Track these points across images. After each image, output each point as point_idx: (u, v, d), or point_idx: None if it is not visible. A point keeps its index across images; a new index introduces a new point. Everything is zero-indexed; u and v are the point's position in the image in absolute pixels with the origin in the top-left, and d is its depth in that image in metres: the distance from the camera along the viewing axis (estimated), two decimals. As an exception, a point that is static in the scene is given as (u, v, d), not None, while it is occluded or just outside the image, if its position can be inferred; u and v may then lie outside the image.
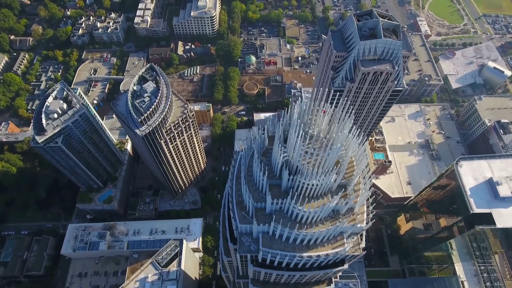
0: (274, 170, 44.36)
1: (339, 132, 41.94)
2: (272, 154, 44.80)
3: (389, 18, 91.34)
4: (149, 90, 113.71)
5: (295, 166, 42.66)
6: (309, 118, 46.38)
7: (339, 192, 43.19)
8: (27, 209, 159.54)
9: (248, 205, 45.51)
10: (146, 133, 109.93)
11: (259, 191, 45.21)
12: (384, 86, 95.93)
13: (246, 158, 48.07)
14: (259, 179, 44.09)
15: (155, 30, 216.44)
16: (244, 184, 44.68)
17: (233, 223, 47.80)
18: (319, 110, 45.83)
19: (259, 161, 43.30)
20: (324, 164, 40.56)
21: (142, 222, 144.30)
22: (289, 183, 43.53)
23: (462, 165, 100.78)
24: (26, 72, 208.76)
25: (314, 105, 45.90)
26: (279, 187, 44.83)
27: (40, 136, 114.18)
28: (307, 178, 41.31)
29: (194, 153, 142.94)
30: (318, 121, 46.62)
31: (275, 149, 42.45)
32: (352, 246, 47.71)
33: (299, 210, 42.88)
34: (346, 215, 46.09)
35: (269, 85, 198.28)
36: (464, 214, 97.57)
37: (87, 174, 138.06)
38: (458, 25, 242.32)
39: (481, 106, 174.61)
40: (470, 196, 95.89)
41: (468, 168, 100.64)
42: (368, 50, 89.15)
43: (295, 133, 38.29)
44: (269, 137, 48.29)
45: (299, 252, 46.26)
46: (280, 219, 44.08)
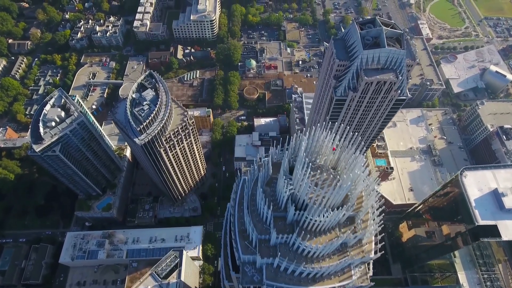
0: (279, 201, 42.62)
1: (350, 172, 39.98)
2: (277, 186, 43.08)
3: (393, 26, 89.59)
4: (148, 98, 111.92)
5: (302, 200, 40.98)
6: (316, 148, 44.34)
7: (347, 224, 41.45)
8: (25, 216, 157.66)
9: (252, 236, 43.76)
10: (145, 142, 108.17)
11: (263, 222, 43.47)
12: (387, 95, 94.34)
13: (249, 186, 46.27)
14: (263, 211, 42.35)
15: (155, 34, 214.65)
16: (247, 215, 42.86)
17: (235, 253, 46.05)
18: (326, 141, 43.63)
19: (263, 195, 41.53)
20: (332, 201, 38.88)
21: (142, 230, 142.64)
22: (295, 217, 41.79)
23: (466, 176, 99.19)
24: (24, 76, 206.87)
25: (322, 136, 43.70)
26: (285, 219, 43.10)
27: (38, 145, 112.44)
28: (315, 214, 39.56)
29: (194, 160, 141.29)
30: (325, 151, 44.62)
31: (280, 183, 40.79)
32: (359, 276, 45.78)
33: (306, 246, 41.15)
34: (354, 246, 44.21)
35: (270, 90, 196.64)
36: (468, 226, 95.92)
37: (86, 182, 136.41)
38: (460, 28, 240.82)
39: (484, 111, 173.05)
40: (475, 207, 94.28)
41: (472, 178, 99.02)
42: (371, 59, 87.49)
43: (302, 169, 36.43)
44: (274, 164, 46.46)
45: (305, 286, 44.26)
46: (286, 253, 42.27)
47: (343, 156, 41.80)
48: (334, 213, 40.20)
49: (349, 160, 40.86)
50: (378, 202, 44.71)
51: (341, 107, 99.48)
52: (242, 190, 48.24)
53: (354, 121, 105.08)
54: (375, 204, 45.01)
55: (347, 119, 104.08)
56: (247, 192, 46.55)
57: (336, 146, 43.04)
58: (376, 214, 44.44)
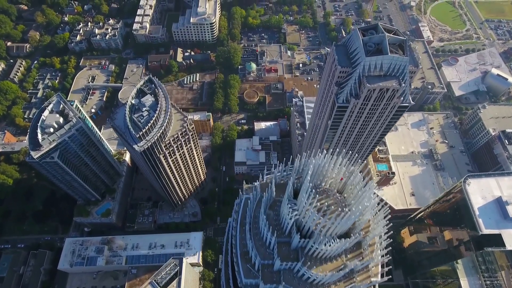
0: (283, 226, 41.29)
1: (359, 204, 38.56)
2: (281, 210, 41.73)
3: (395, 32, 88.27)
4: (147, 104, 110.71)
5: (307, 227, 39.64)
6: (322, 172, 42.79)
7: (353, 250, 40.19)
8: (24, 222, 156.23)
9: (254, 260, 42.41)
10: (144, 149, 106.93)
11: (266, 246, 42.14)
12: (389, 102, 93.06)
13: (252, 208, 44.85)
14: (266, 236, 41.00)
15: (154, 37, 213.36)
16: (250, 239, 41.54)
17: (237, 275, 44.68)
18: (333, 166, 41.97)
19: (267, 221, 40.14)
20: (339, 230, 37.58)
21: (141, 236, 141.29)
22: (300, 244, 40.49)
23: (470, 183, 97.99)
24: (23, 79, 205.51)
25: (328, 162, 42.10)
26: (289, 244, 41.74)
27: (36, 151, 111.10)
28: (321, 243, 38.25)
29: (194, 165, 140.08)
30: (331, 175, 43.17)
31: (284, 208, 39.45)
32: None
33: (311, 275, 39.83)
34: (361, 271, 42.86)
35: (270, 93, 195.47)
36: (472, 234, 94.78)
37: (85, 188, 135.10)
38: (461, 30, 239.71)
39: (485, 114, 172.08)
40: (479, 216, 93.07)
41: (476, 186, 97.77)
42: (374, 66, 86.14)
43: (307, 197, 34.91)
44: (277, 185, 45.12)
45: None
46: (290, 280, 40.88)
47: (351, 183, 40.40)
48: (341, 243, 38.90)
49: (358, 191, 39.40)
50: (386, 227, 43.44)
51: (343, 114, 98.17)
52: (244, 210, 46.76)
53: (356, 127, 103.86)
54: (382, 230, 43.77)
55: (349, 125, 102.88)
56: (250, 213, 45.09)
57: (344, 177, 41.60)
58: (383, 239, 43.18)
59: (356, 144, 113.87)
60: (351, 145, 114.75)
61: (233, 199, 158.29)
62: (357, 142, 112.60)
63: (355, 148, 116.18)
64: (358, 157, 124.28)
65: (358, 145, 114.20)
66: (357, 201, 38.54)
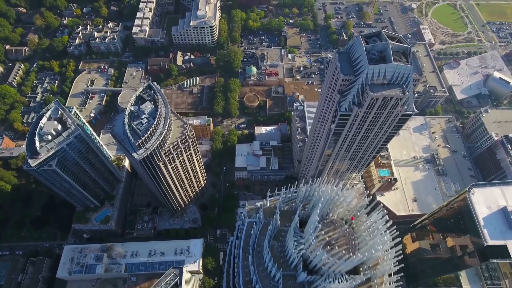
0: (288, 259, 39.70)
1: (372, 249, 36.79)
2: (286, 243, 40.11)
3: (399, 39, 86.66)
4: (147, 111, 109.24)
5: (314, 263, 38.08)
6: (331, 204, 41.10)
7: (362, 284, 38.72)
8: (22, 228, 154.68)
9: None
10: (143, 157, 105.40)
11: (271, 278, 40.56)
12: (393, 110, 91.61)
13: (255, 235, 43.18)
14: (271, 269, 39.43)
15: (154, 40, 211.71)
16: (253, 271, 39.91)
17: (239, 306, 43.17)
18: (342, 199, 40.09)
19: (271, 255, 38.54)
20: (347, 267, 36.10)
21: (141, 243, 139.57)
22: (307, 279, 38.95)
23: (474, 193, 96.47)
24: (21, 83, 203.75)
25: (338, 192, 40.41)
26: (295, 278, 40.19)
27: (34, 159, 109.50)
28: (328, 281, 36.75)
29: (194, 172, 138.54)
30: (339, 205, 41.39)
31: (290, 242, 37.89)
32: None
33: None
34: None
35: (270, 97, 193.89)
36: (477, 246, 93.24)
37: (83, 195, 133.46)
38: (462, 33, 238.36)
39: (488, 119, 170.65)
40: (484, 226, 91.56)
41: (480, 195, 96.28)
42: (377, 75, 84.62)
43: (314, 235, 33.07)
44: (282, 212, 43.48)
45: None
46: None
47: (362, 221, 38.78)
48: (350, 282, 37.38)
49: (370, 233, 37.79)
50: (396, 266, 41.91)
51: (345, 122, 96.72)
52: (247, 235, 45.03)
53: (358, 135, 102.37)
54: (392, 267, 42.29)
55: (352, 133, 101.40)
56: (253, 241, 43.35)
57: (355, 216, 39.98)
58: (392, 278, 41.59)
59: (359, 151, 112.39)
60: (354, 152, 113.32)
61: (233, 205, 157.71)
62: (360, 149, 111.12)
63: (357, 155, 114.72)
64: (362, 167, 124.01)
65: (360, 152, 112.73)
66: (368, 242, 37.01)
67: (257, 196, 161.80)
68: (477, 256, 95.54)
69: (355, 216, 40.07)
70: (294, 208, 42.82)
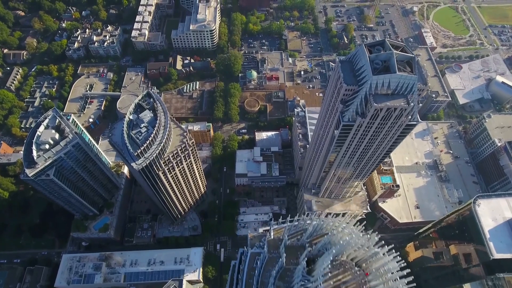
0: None
1: None
2: (293, 285, 38.07)
3: (403, 49, 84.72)
4: (146, 119, 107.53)
5: None
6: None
7: None
8: (20, 236, 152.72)
9: None
10: (143, 167, 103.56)
11: None
12: (397, 121, 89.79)
13: (259, 273, 41.13)
14: None
15: (153, 44, 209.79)
16: None
17: None
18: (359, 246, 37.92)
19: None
20: None
21: (140, 252, 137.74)
22: None
23: (480, 204, 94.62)
24: (19, 88, 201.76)
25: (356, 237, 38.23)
26: None
27: (31, 169, 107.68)
28: None
29: (194, 179, 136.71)
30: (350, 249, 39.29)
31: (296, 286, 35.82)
32: None
33: None
34: None
35: (271, 102, 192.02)
36: (483, 259, 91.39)
37: (82, 203, 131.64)
38: (464, 36, 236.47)
39: (490, 124, 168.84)
40: (490, 239, 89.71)
41: (486, 207, 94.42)
42: (381, 85, 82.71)
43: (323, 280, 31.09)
44: (287, 248, 41.49)
45: None
46: None
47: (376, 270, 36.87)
48: None
49: (382, 277, 36.10)
50: None
51: (348, 132, 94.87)
52: (250, 268, 42.96)
53: (361, 145, 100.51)
54: None
55: (354, 142, 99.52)
56: (256, 278, 41.22)
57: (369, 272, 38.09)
58: None
59: (361, 160, 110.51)
60: (356, 161, 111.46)
61: (233, 212, 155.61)
62: (362, 158, 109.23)
63: (360, 164, 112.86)
64: (365, 174, 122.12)
65: (363, 161, 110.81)
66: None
67: (258, 203, 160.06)
68: (483, 270, 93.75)
69: (368, 266, 38.13)
70: (300, 243, 41.01)
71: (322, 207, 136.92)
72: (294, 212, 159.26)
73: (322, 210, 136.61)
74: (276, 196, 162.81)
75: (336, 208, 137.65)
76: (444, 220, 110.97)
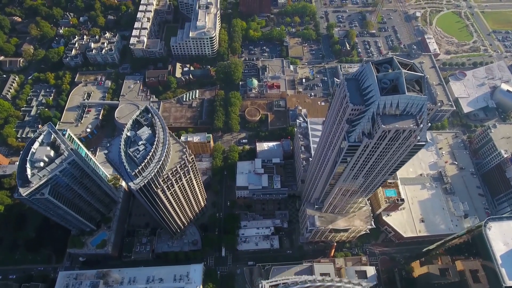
0: None
1: None
2: None
3: (411, 67, 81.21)
4: (144, 137, 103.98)
5: None
6: None
7: None
8: (16, 250, 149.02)
9: None
10: (140, 186, 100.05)
11: None
12: (405, 141, 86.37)
13: None
14: None
15: (152, 51, 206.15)
16: None
17: None
18: None
19: None
20: None
21: (139, 268, 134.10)
22: None
23: (491, 227, 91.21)
24: (16, 96, 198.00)
25: None
26: None
27: (25, 188, 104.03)
28: None
29: (194, 194, 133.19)
30: None
31: None
32: None
33: None
34: None
35: (272, 111, 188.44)
36: (494, 285, 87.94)
37: (78, 220, 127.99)
38: (468, 42, 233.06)
39: (496, 134, 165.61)
40: (502, 265, 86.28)
41: (497, 230, 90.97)
42: (389, 105, 79.17)
43: None
44: None
45: None
46: None
47: None
48: None
49: None
50: None
51: (354, 152, 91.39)
52: None
53: (367, 165, 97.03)
54: None
55: (360, 163, 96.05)
56: None
57: None
58: None
59: (367, 179, 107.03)
60: (362, 179, 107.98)
61: (234, 226, 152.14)
62: (368, 177, 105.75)
63: (365, 182, 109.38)
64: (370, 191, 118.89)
65: (368, 179, 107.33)
66: None
67: (259, 216, 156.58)
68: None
69: None
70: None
71: (326, 222, 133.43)
72: (296, 225, 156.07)
73: (325, 226, 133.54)
74: (277, 209, 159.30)
75: (339, 223, 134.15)
76: (452, 241, 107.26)
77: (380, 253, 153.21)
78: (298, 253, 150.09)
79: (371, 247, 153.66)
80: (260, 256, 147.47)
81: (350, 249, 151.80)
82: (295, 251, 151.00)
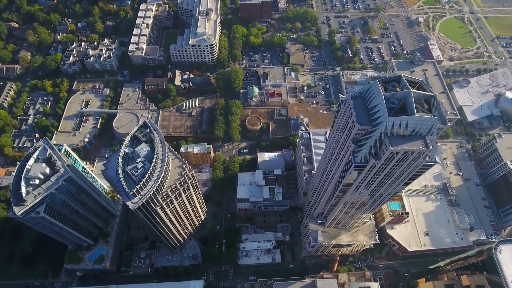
0: None
1: None
2: None
3: (420, 85, 77.98)
4: (142, 154, 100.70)
5: None
6: None
7: None
8: (12, 265, 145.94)
9: None
10: (139, 206, 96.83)
11: None
12: (414, 162, 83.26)
13: None
14: None
15: (151, 58, 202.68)
16: None
17: None
18: None
19: None
20: None
21: (137, 285, 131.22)
22: None
23: (501, 250, 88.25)
24: (12, 104, 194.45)
25: None
26: None
27: (19, 207, 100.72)
28: None
29: (194, 209, 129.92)
30: None
31: None
32: None
33: None
34: None
35: (273, 120, 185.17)
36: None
37: (75, 235, 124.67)
38: (471, 48, 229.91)
39: (502, 145, 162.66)
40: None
41: (508, 253, 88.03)
42: (397, 126, 75.97)
43: None
44: None
45: None
46: None
47: None
48: None
49: None
50: None
51: (360, 171, 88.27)
52: None
53: (373, 183, 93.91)
54: None
55: (366, 182, 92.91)
56: None
57: None
58: None
59: (372, 197, 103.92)
60: (366, 198, 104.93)
61: (235, 239, 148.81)
62: (373, 195, 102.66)
63: (370, 199, 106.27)
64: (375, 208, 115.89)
65: (374, 197, 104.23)
66: None
67: (260, 229, 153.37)
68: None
69: None
70: None
71: (329, 237, 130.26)
72: (298, 238, 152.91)
73: (329, 241, 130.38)
74: (279, 221, 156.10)
75: (343, 239, 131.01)
76: (461, 261, 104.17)
77: (384, 266, 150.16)
78: (300, 267, 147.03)
79: (374, 261, 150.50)
80: (262, 271, 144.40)
81: (353, 263, 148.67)
82: (297, 265, 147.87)
